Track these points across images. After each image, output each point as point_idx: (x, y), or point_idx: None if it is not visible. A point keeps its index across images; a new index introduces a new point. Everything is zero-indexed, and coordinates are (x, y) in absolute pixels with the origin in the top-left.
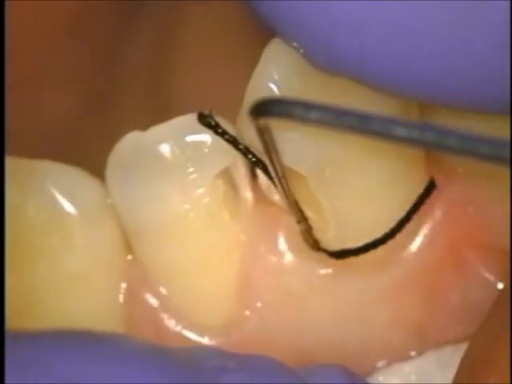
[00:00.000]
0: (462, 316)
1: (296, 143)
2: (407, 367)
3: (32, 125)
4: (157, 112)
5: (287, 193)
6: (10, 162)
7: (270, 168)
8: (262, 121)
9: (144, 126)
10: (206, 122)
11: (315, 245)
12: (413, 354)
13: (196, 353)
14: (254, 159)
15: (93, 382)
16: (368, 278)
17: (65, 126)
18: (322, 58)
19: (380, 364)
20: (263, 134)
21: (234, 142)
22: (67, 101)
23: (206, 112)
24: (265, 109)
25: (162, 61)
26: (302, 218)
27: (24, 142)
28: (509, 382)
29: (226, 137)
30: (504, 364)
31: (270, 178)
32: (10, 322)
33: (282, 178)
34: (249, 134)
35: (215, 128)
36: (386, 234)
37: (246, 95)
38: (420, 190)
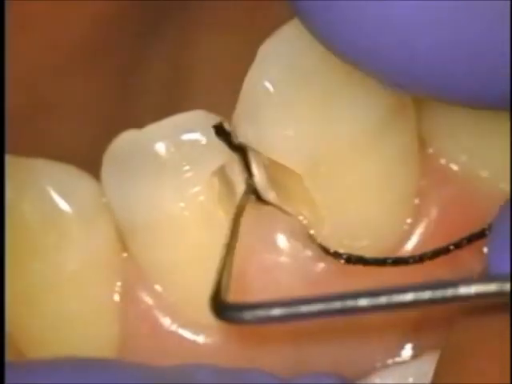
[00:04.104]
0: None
1: (291, 140)
2: (404, 369)
3: (45, 157)
4: None
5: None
6: (5, 160)
7: None
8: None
9: None
10: (222, 132)
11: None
12: (410, 355)
13: (190, 372)
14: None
15: None
16: (364, 276)
17: (79, 155)
18: (400, 83)
19: (377, 365)
20: None
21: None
22: (81, 131)
23: (222, 123)
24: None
25: (178, 84)
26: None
27: None
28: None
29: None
30: (495, 346)
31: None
32: (8, 319)
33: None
34: (244, 133)
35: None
36: (414, 256)
37: (241, 92)
38: (414, 188)
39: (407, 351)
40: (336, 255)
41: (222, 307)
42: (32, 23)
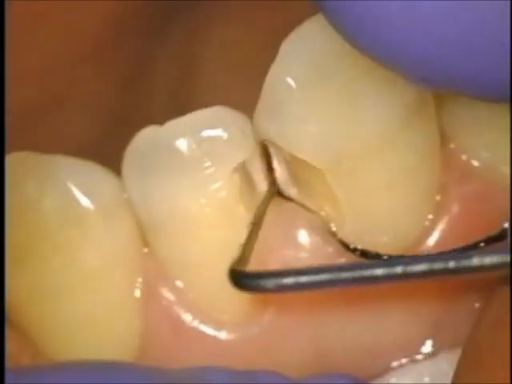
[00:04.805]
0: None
1: (313, 137)
2: (421, 368)
3: (54, 151)
4: None
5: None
6: (26, 157)
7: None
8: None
9: None
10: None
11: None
12: (428, 352)
13: (200, 373)
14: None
15: None
16: None
17: (88, 151)
18: (424, 77)
19: (394, 363)
20: None
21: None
22: (91, 126)
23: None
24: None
25: (186, 81)
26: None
27: None
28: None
29: None
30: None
31: None
32: (27, 318)
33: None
34: (266, 129)
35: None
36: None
37: (263, 89)
38: (435, 184)
39: (427, 348)
40: (352, 251)
41: (239, 276)
42: (45, 22)
